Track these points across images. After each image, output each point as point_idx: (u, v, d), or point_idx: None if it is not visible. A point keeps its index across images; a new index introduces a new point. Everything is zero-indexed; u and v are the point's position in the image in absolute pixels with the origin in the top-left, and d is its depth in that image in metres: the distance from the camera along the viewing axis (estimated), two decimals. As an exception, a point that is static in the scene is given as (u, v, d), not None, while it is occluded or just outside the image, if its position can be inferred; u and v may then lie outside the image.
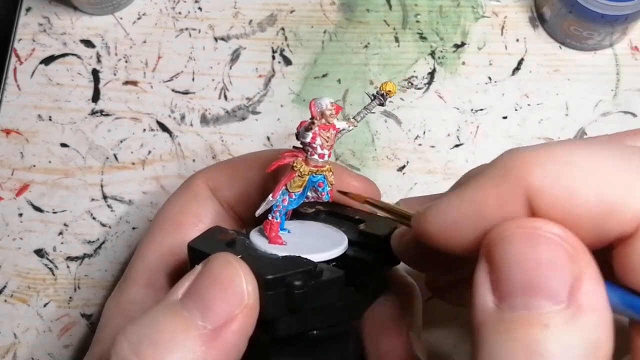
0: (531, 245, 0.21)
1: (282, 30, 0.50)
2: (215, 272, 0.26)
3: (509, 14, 0.49)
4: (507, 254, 0.21)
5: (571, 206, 0.21)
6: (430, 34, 0.49)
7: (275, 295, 0.26)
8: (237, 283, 0.25)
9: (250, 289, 0.25)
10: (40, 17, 0.51)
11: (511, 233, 0.21)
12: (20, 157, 0.49)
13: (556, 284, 0.21)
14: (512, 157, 0.23)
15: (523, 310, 0.21)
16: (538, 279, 0.21)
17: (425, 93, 0.48)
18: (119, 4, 0.50)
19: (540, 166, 0.22)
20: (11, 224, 0.48)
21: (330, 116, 0.29)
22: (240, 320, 0.25)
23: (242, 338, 0.25)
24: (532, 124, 0.47)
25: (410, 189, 0.46)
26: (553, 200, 0.21)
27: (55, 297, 0.47)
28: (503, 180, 0.22)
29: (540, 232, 0.21)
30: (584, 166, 0.21)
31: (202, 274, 0.26)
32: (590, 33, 0.45)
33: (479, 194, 0.23)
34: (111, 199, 0.48)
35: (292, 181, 0.30)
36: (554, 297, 0.20)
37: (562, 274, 0.21)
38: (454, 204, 0.23)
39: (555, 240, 0.21)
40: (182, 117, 0.49)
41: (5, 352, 0.46)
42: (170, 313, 0.25)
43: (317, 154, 0.30)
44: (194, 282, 0.26)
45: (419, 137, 0.47)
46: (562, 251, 0.21)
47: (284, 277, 0.26)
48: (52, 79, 0.50)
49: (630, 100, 0.47)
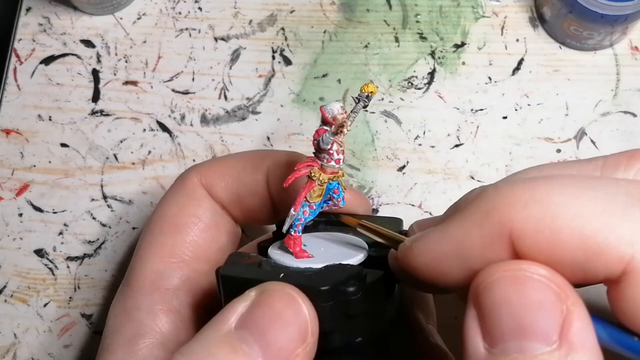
0: (518, 287, 0.21)
1: (282, 30, 0.50)
2: (277, 306, 0.24)
3: (509, 14, 0.49)
4: (495, 298, 0.21)
5: (554, 249, 0.21)
6: (430, 34, 0.49)
7: (331, 306, 0.26)
8: (301, 320, 0.24)
9: (314, 328, 0.25)
10: (40, 17, 0.51)
11: (497, 277, 0.21)
12: (20, 157, 0.49)
13: (546, 324, 0.21)
14: (496, 194, 0.22)
15: (516, 354, 0.21)
16: (528, 320, 0.21)
17: (425, 93, 0.48)
18: (119, 4, 0.50)
19: (523, 208, 0.21)
20: (11, 224, 0.48)
21: (343, 120, 0.29)
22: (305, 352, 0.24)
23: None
24: (532, 124, 0.47)
25: (410, 189, 0.46)
26: (536, 243, 0.21)
27: (55, 297, 0.47)
28: (485, 220, 0.22)
29: (526, 273, 0.21)
30: (568, 208, 0.21)
31: (259, 305, 0.25)
32: (590, 33, 0.45)
33: (462, 232, 0.23)
34: (111, 199, 0.48)
35: (312, 192, 0.29)
36: (545, 338, 0.20)
37: (552, 314, 0.21)
38: (437, 240, 0.23)
39: (542, 280, 0.21)
40: (182, 117, 0.49)
41: (5, 352, 0.46)
42: (228, 346, 0.24)
43: (334, 160, 0.29)
44: (250, 311, 0.25)
45: (419, 137, 0.47)
46: (549, 291, 0.21)
47: (337, 285, 0.26)
48: (52, 79, 0.50)
49: (630, 100, 0.47)
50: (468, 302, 0.22)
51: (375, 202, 0.47)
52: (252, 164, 0.35)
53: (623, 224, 0.21)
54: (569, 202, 0.21)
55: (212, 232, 0.35)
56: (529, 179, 0.23)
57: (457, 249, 0.23)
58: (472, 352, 0.21)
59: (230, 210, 0.36)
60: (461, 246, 0.23)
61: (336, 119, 0.29)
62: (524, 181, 0.22)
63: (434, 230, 0.24)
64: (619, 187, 0.22)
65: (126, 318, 0.34)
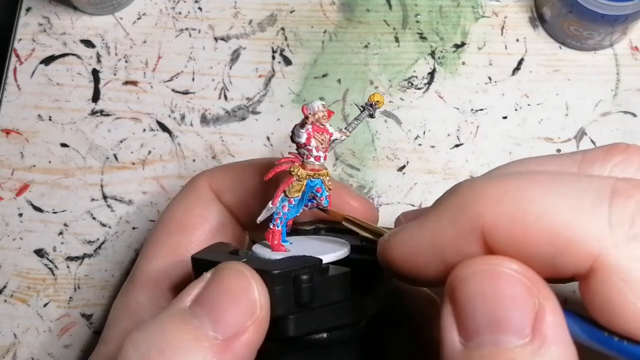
0: (490, 281, 0.21)
1: (282, 30, 0.50)
2: (227, 281, 0.25)
3: (509, 14, 0.49)
4: (468, 292, 0.22)
5: (525, 244, 0.22)
6: (430, 34, 0.49)
7: (283, 291, 0.26)
8: (249, 293, 0.25)
9: (262, 301, 0.25)
10: (40, 17, 0.51)
11: (470, 272, 0.22)
12: (20, 157, 0.49)
13: (519, 318, 0.21)
14: (468, 190, 0.23)
15: (490, 347, 0.21)
16: (501, 313, 0.21)
17: (425, 93, 0.48)
18: (119, 4, 0.50)
19: (495, 204, 0.22)
20: (11, 224, 0.48)
21: (323, 118, 0.30)
22: (251, 332, 0.25)
23: (252, 350, 0.25)
24: (532, 124, 0.47)
25: (410, 189, 0.46)
26: (507, 238, 0.22)
27: (55, 297, 0.47)
28: (458, 215, 0.23)
29: (499, 268, 0.22)
30: (538, 204, 0.21)
31: (212, 282, 0.26)
32: (590, 33, 0.45)
33: (436, 226, 0.23)
34: (111, 199, 0.48)
35: (290, 186, 0.30)
36: (518, 331, 0.21)
37: (524, 307, 0.21)
38: (414, 234, 0.24)
39: (514, 275, 0.21)
40: (182, 117, 0.49)
41: (5, 352, 0.46)
42: (180, 321, 0.25)
43: (313, 157, 0.30)
44: (204, 290, 0.26)
45: (419, 137, 0.47)
46: (522, 285, 0.21)
47: (290, 271, 0.27)
48: (52, 79, 0.50)
49: (630, 100, 0.47)
50: (444, 297, 0.23)
51: (375, 202, 0.47)
52: (261, 171, 0.35)
53: (591, 220, 0.21)
54: (539, 198, 0.22)
55: (218, 234, 0.36)
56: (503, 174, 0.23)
57: (432, 242, 0.23)
58: (449, 347, 0.22)
59: (238, 216, 0.37)
60: (436, 240, 0.23)
61: (316, 114, 0.30)
62: (497, 177, 0.23)
63: (411, 224, 0.24)
64: (590, 184, 0.22)
65: (125, 312, 0.34)
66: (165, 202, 0.47)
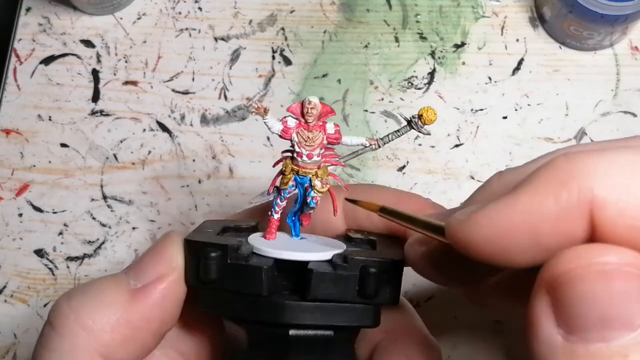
0: (605, 283, 0.19)
1: (282, 30, 0.50)
2: (155, 244, 0.29)
3: (509, 14, 0.49)
4: (579, 293, 0.20)
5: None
6: (430, 34, 0.49)
7: (191, 261, 0.28)
8: (169, 250, 0.28)
9: (180, 257, 0.28)
10: (40, 17, 0.51)
11: (581, 272, 0.20)
12: (20, 157, 0.49)
13: (630, 311, 0.19)
14: (570, 162, 0.20)
15: (599, 343, 0.19)
16: (613, 312, 0.19)
17: (425, 93, 0.48)
18: (119, 4, 0.50)
19: (606, 176, 0.20)
20: (11, 224, 0.48)
21: (307, 114, 0.29)
22: (167, 280, 0.28)
23: (168, 297, 0.28)
24: (532, 124, 0.47)
25: (410, 189, 0.46)
26: (620, 214, 0.20)
27: (55, 297, 0.46)
28: (563, 189, 0.20)
29: (613, 267, 0.20)
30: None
31: (147, 249, 0.29)
32: (590, 33, 0.45)
33: (534, 202, 0.21)
34: (111, 199, 0.48)
35: (281, 177, 0.30)
36: (629, 325, 0.19)
37: (636, 300, 0.19)
38: (502, 212, 0.21)
39: (629, 272, 0.20)
40: (182, 117, 0.49)
41: (5, 352, 0.46)
42: (110, 276, 0.29)
43: (295, 153, 0.29)
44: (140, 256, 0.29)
45: (419, 137, 0.47)
46: (635, 280, 0.20)
47: (201, 244, 0.27)
48: (52, 79, 0.50)
49: (630, 100, 0.47)
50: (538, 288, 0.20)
51: (375, 202, 0.46)
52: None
53: None
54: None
55: None
56: (599, 149, 0.21)
57: (527, 220, 0.21)
58: (546, 340, 0.20)
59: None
60: (532, 218, 0.20)
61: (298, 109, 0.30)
62: (597, 151, 0.21)
63: (495, 202, 0.22)
64: None
65: None
66: (165, 202, 0.47)
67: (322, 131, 0.30)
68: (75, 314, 0.27)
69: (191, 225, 0.47)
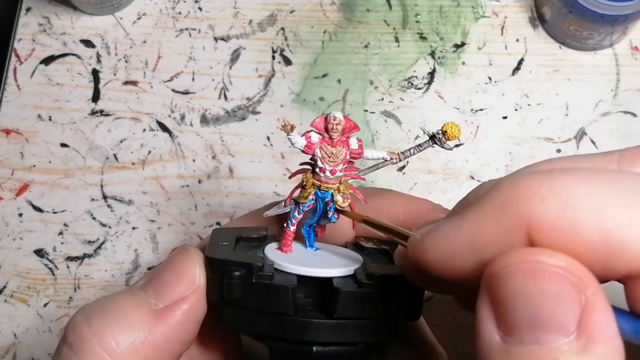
0: (535, 280, 0.20)
1: (282, 30, 0.50)
2: (173, 259, 0.28)
3: (509, 14, 0.49)
4: (511, 290, 0.20)
5: (574, 244, 0.20)
6: (430, 34, 0.49)
7: (214, 279, 0.27)
8: (190, 267, 0.28)
9: (202, 276, 0.28)
10: (40, 17, 0.51)
11: (514, 268, 0.21)
12: (20, 157, 0.49)
13: (564, 316, 0.20)
14: (512, 187, 0.21)
15: (532, 345, 0.20)
16: (545, 312, 0.20)
17: (425, 93, 0.48)
18: (119, 4, 0.50)
19: (542, 201, 0.21)
20: (11, 224, 0.48)
21: (332, 130, 0.28)
22: (190, 300, 0.27)
23: (191, 317, 0.27)
24: (532, 124, 0.47)
25: (410, 189, 0.46)
26: (555, 237, 0.20)
27: (55, 297, 0.47)
28: (502, 213, 0.21)
29: (544, 265, 0.20)
30: (588, 201, 0.20)
31: (163, 263, 0.28)
32: (590, 33, 0.45)
33: (477, 225, 0.22)
34: (111, 199, 0.48)
35: (299, 191, 0.29)
36: (562, 329, 0.20)
37: (570, 305, 0.20)
38: (451, 234, 0.23)
39: (560, 272, 0.20)
40: (182, 117, 0.49)
41: (5, 352, 0.46)
42: (128, 294, 0.28)
43: (318, 168, 0.29)
44: (156, 271, 0.28)
45: (419, 137, 0.47)
46: (568, 283, 0.20)
47: (224, 262, 0.26)
48: (52, 79, 0.50)
49: (630, 100, 0.47)
50: (481, 290, 0.21)
51: (375, 202, 0.46)
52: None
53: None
54: (589, 196, 0.20)
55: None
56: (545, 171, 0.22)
57: (471, 242, 0.22)
58: (486, 340, 0.21)
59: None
60: (476, 239, 0.22)
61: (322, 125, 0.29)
62: (541, 173, 0.22)
63: (445, 223, 0.23)
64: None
65: None
66: (165, 202, 0.47)
67: (346, 146, 0.29)
68: (97, 336, 0.26)
69: (191, 225, 0.47)
